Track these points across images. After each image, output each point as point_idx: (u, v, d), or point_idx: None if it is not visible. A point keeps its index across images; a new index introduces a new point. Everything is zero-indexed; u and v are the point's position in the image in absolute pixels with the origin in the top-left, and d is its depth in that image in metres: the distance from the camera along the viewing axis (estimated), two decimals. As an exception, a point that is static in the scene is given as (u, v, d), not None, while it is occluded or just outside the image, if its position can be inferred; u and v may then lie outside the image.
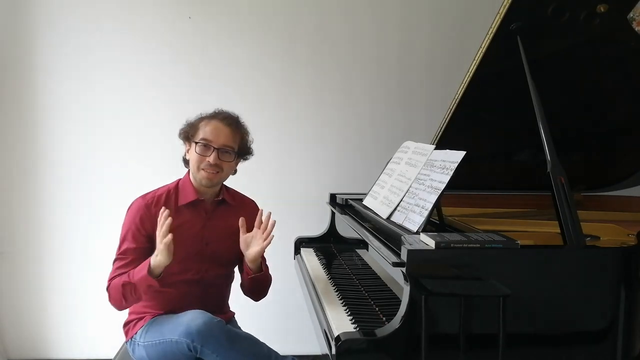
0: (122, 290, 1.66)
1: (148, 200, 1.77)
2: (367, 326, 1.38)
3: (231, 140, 1.78)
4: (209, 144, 1.75)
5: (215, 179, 1.77)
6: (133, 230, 1.74)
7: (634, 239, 1.54)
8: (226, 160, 1.77)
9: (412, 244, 1.30)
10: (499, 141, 2.19)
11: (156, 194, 1.80)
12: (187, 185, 1.82)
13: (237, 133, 1.81)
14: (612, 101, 2.01)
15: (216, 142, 1.75)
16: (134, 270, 1.67)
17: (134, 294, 1.66)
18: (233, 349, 1.59)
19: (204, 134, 1.75)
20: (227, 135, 1.77)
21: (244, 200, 1.96)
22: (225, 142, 1.76)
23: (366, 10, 2.80)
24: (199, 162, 1.75)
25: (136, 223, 1.74)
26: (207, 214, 1.83)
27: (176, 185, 1.84)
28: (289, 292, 2.68)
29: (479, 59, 1.78)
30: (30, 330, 2.83)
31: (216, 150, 1.74)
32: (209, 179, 1.76)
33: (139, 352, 1.76)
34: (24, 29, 2.67)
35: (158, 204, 1.76)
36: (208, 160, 1.73)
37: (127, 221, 1.78)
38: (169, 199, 1.79)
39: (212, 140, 1.75)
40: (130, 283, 1.65)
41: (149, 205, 1.76)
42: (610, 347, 1.31)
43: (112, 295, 1.71)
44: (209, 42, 2.75)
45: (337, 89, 2.83)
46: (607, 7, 1.66)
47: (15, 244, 2.78)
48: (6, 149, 2.73)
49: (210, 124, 1.77)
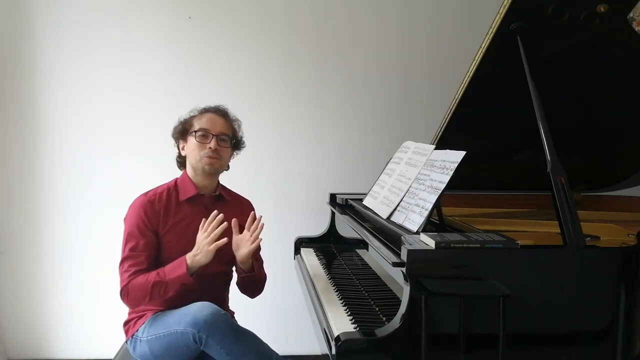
0: (150, 290, 1.68)
1: (150, 197, 1.83)
2: (367, 326, 1.38)
3: (226, 128, 1.88)
4: (208, 132, 1.83)
5: (216, 164, 1.84)
6: (140, 226, 1.77)
7: (634, 239, 1.54)
8: (224, 147, 1.87)
9: (412, 244, 1.30)
10: (499, 141, 2.19)
11: (157, 191, 1.86)
12: (187, 182, 1.88)
13: (230, 123, 1.92)
14: (612, 101, 2.01)
15: (214, 130, 1.84)
16: (165, 269, 1.70)
17: (162, 293, 1.69)
18: (237, 343, 1.60)
19: (200, 125, 1.84)
20: (222, 124, 1.87)
21: (240, 199, 2.02)
22: (222, 130, 1.86)
23: (367, 10, 2.80)
24: (200, 150, 1.82)
25: (142, 218, 1.78)
26: (206, 208, 1.86)
27: (175, 183, 1.90)
28: (289, 292, 2.69)
29: (479, 59, 1.78)
30: (30, 330, 2.83)
31: (215, 137, 1.83)
32: (211, 165, 1.83)
33: (141, 348, 1.76)
34: (23, 28, 2.67)
35: (160, 200, 1.82)
36: (209, 147, 1.82)
37: (131, 218, 1.80)
38: (169, 195, 1.85)
39: (210, 129, 1.84)
40: (162, 282, 1.68)
41: (152, 202, 1.81)
42: (610, 347, 1.31)
43: (134, 295, 1.71)
44: (209, 42, 2.75)
45: (338, 88, 2.83)
46: (607, 7, 1.66)
47: (15, 244, 2.78)
48: (6, 149, 2.73)
49: (205, 115, 1.87)
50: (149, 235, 1.77)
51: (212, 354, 1.61)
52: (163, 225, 1.80)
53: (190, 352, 1.66)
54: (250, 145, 2.56)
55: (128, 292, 1.71)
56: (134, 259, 1.74)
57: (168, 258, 1.77)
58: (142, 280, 1.70)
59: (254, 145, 2.76)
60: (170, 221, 1.81)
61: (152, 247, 1.78)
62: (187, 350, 1.65)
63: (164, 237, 1.80)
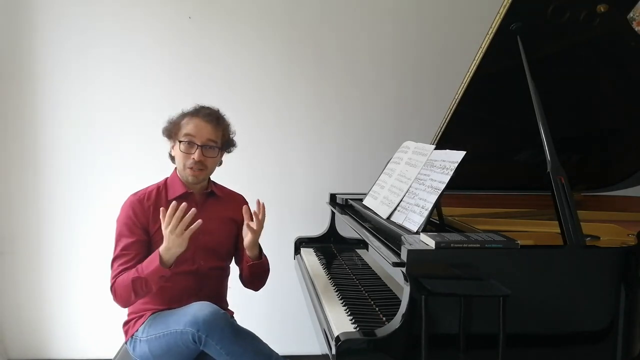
0: (132, 286, 1.67)
1: (140, 196, 1.83)
2: (367, 326, 1.38)
3: (214, 135, 1.82)
4: (193, 141, 1.79)
5: (200, 176, 1.82)
6: (130, 225, 1.78)
7: (634, 239, 1.54)
8: (210, 156, 1.82)
9: (412, 244, 1.30)
10: (499, 141, 2.19)
11: (147, 191, 1.86)
12: (176, 180, 1.87)
13: (219, 128, 1.85)
14: (611, 101, 2.01)
15: (199, 139, 1.79)
16: (141, 265, 1.69)
17: (144, 288, 1.68)
18: (237, 343, 1.60)
19: (186, 131, 1.80)
20: (209, 131, 1.81)
21: (233, 195, 2.01)
22: (208, 138, 1.81)
23: (367, 10, 2.80)
24: (184, 160, 1.80)
25: (131, 217, 1.78)
26: (197, 205, 1.85)
27: (164, 182, 1.90)
28: (289, 292, 2.69)
29: (479, 59, 1.78)
30: (30, 330, 2.83)
31: (200, 147, 1.79)
32: (194, 176, 1.82)
33: (141, 348, 1.76)
34: (23, 27, 2.67)
35: (149, 199, 1.83)
36: (193, 158, 1.79)
37: (121, 218, 1.81)
38: (159, 194, 1.85)
39: (195, 137, 1.79)
40: (141, 277, 1.67)
41: (141, 200, 1.82)
42: (610, 347, 1.31)
43: (119, 293, 1.71)
44: (209, 42, 2.75)
45: (338, 88, 2.83)
46: (607, 7, 1.66)
47: (15, 244, 2.78)
48: (6, 149, 2.73)
49: (192, 121, 1.82)
50: (138, 233, 1.78)
51: (212, 354, 1.62)
52: (153, 223, 1.80)
53: (190, 351, 1.66)
54: (251, 145, 2.55)
55: (115, 290, 1.73)
56: (124, 257, 1.75)
57: None
58: (124, 278, 1.70)
59: (254, 145, 2.79)
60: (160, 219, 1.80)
61: (143, 246, 1.78)
62: (187, 350, 1.65)
63: (154, 236, 1.80)
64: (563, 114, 1.82)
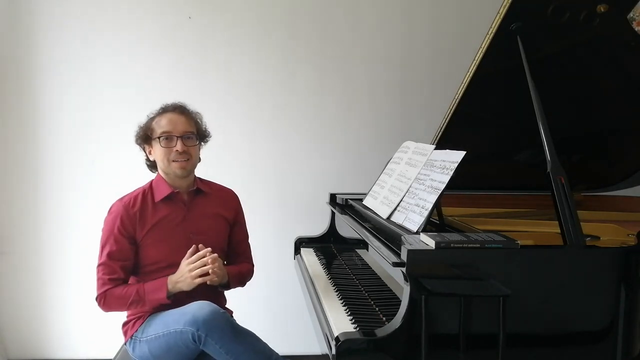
0: (128, 305, 1.74)
1: (125, 202, 1.83)
2: (367, 326, 1.38)
3: (189, 125, 1.84)
4: (171, 135, 1.80)
5: (187, 166, 1.83)
6: (115, 234, 1.79)
7: (634, 239, 1.54)
8: (191, 145, 1.83)
9: (412, 244, 1.30)
10: (499, 141, 2.19)
11: (132, 195, 1.86)
12: (161, 182, 1.87)
13: (191, 118, 1.87)
14: (612, 101, 2.01)
15: (177, 131, 1.81)
16: (145, 288, 1.74)
17: (139, 307, 1.76)
18: (236, 342, 1.60)
19: (162, 129, 1.81)
20: (183, 123, 1.83)
21: (223, 191, 2.01)
22: (185, 129, 1.82)
23: (367, 10, 2.80)
24: (167, 155, 1.81)
25: (117, 226, 1.79)
26: (185, 205, 1.87)
27: (150, 185, 1.89)
28: (289, 292, 2.69)
29: (479, 59, 1.78)
30: (30, 330, 2.83)
31: (180, 138, 1.80)
32: (182, 168, 1.81)
33: (140, 348, 1.77)
34: (23, 26, 2.67)
35: (135, 204, 1.82)
36: (176, 150, 1.79)
37: (107, 226, 1.82)
38: (145, 198, 1.85)
39: (172, 131, 1.80)
40: (141, 300, 1.73)
41: (127, 207, 1.81)
42: (610, 347, 1.31)
43: (110, 304, 1.76)
44: (208, 42, 2.75)
45: (338, 88, 2.83)
46: (607, 7, 1.66)
47: (16, 243, 2.78)
48: (6, 149, 2.73)
49: (164, 117, 1.83)
50: (123, 242, 1.78)
51: (212, 353, 1.62)
52: (140, 228, 1.80)
53: (190, 351, 1.66)
54: (251, 145, 2.55)
55: (105, 299, 1.76)
56: (109, 267, 1.77)
57: (150, 257, 1.80)
58: (121, 293, 1.74)
59: (254, 145, 2.79)
60: (149, 223, 1.81)
61: (127, 255, 1.79)
62: (187, 349, 1.65)
63: (143, 240, 1.80)
64: (563, 114, 1.82)
